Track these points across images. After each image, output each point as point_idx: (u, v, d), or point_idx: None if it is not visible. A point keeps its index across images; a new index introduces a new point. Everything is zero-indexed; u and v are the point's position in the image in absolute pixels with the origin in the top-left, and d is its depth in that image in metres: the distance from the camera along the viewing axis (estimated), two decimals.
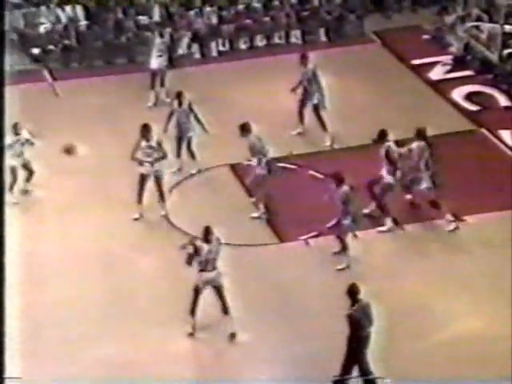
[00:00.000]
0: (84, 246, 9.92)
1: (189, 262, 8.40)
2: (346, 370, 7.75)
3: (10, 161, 10.50)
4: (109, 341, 8.44)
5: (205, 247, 8.38)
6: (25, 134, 10.64)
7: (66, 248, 9.91)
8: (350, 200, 9.45)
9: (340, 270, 9.42)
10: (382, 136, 10.16)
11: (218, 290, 8.47)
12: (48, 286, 9.29)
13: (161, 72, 12.90)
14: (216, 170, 11.32)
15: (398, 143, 10.29)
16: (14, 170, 10.61)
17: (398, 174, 10.12)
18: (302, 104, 11.84)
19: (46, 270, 9.54)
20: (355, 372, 7.81)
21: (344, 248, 9.57)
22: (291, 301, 9.08)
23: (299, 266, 9.60)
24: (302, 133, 12.06)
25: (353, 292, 7.68)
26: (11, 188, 10.61)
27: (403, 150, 10.18)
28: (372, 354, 7.98)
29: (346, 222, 9.47)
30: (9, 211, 9.54)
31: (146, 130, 10.13)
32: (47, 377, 8.00)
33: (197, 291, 8.45)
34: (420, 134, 10.22)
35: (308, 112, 11.95)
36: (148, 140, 10.12)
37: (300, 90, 11.80)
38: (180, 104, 11.04)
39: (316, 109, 11.79)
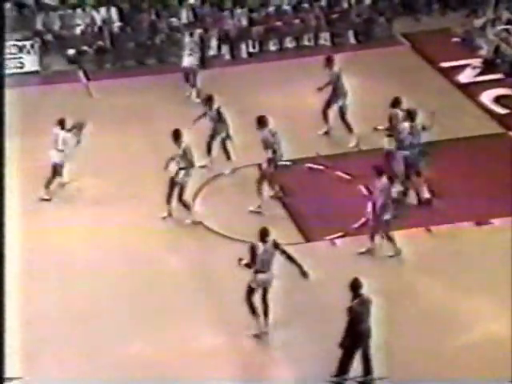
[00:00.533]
0: (112, 243, 10.02)
1: (248, 266, 8.43)
2: (344, 365, 7.73)
3: (52, 158, 10.67)
4: (132, 339, 8.48)
5: (261, 247, 8.42)
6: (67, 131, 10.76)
7: (94, 245, 10.02)
8: (388, 193, 9.45)
9: (361, 253, 9.56)
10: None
11: (265, 292, 8.48)
12: (75, 280, 9.38)
13: (192, 71, 13.00)
14: (244, 170, 11.38)
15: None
16: (55, 168, 10.74)
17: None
18: (327, 104, 11.86)
19: (74, 265, 9.64)
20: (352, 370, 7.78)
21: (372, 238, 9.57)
22: (316, 300, 9.09)
23: (325, 265, 9.57)
24: (328, 133, 12.08)
25: (355, 286, 7.75)
26: (48, 185, 10.78)
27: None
28: (395, 354, 7.95)
29: (386, 217, 9.44)
30: (39, 207, 9.71)
31: (176, 135, 10.11)
32: (62, 376, 8.00)
33: (250, 292, 8.43)
34: (409, 114, 10.43)
35: (334, 113, 11.96)
36: (178, 146, 10.12)
37: (329, 91, 11.83)
38: (210, 107, 11.14)
39: (341, 111, 11.80)
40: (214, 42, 14.71)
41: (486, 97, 13.20)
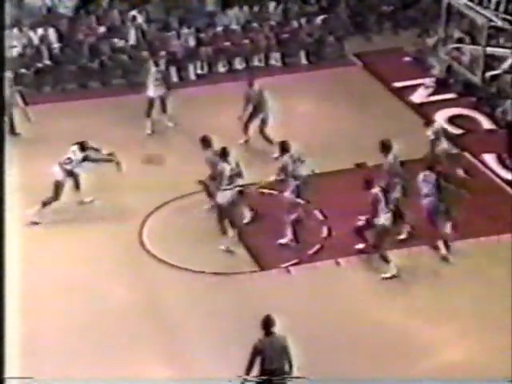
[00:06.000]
0: (55, 273, 10.01)
1: None
2: None
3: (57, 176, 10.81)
4: (80, 377, 8.45)
5: None
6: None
7: (36, 275, 9.99)
8: (381, 201, 9.80)
9: (386, 278, 9.75)
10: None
11: None
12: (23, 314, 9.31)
13: (161, 99, 13.14)
14: (194, 196, 11.51)
15: None
16: (58, 187, 10.78)
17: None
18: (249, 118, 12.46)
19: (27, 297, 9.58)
20: None
21: (378, 250, 9.83)
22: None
23: (280, 294, 9.73)
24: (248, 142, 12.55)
25: (266, 324, 7.78)
26: (45, 205, 10.78)
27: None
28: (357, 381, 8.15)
29: (379, 221, 9.75)
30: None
31: None
32: None
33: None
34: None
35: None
36: None
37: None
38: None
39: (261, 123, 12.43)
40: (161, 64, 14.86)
41: (440, 117, 13.63)
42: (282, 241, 10.60)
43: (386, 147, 10.57)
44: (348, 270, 10.18)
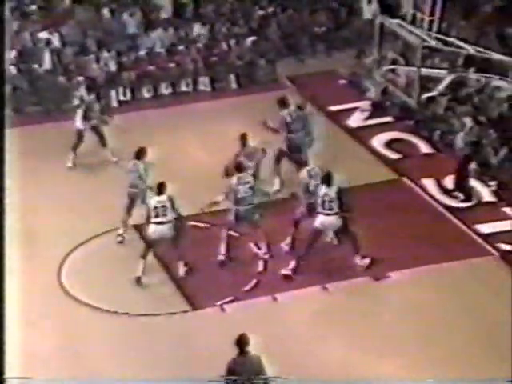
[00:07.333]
0: None
1: None
2: None
3: None
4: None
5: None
6: None
7: None
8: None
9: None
10: None
11: None
12: None
13: (96, 131, 12.91)
14: (116, 232, 11.37)
15: None
16: None
17: None
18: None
19: None
20: None
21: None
22: (207, 375, 9.15)
23: (214, 334, 9.67)
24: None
25: (240, 342, 7.96)
26: None
27: None
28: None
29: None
30: None
31: None
32: None
33: None
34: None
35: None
36: None
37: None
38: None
39: None
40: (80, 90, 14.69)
41: (377, 141, 13.99)
42: (220, 257, 10.69)
43: None
44: (286, 305, 10.21)
